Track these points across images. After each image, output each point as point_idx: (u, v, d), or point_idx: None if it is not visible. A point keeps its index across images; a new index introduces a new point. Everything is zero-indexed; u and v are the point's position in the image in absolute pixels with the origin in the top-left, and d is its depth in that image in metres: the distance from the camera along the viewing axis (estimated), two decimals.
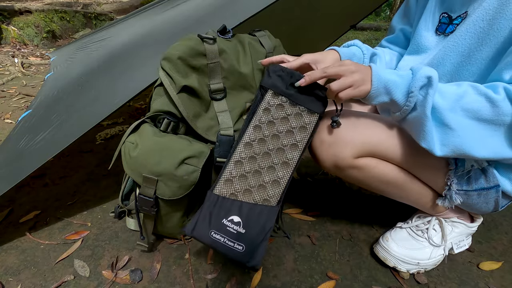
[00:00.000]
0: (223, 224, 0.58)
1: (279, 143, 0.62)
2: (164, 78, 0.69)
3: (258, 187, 0.61)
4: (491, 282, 0.73)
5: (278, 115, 0.62)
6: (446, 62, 0.62)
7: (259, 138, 0.62)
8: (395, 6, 6.38)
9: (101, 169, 1.14)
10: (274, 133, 0.62)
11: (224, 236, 0.57)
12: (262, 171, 0.61)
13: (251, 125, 0.62)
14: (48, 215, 0.91)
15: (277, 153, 0.62)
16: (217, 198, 0.60)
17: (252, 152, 0.61)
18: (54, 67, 1.64)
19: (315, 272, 0.74)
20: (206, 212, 0.59)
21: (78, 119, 0.91)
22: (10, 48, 3.21)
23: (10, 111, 1.71)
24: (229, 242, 0.57)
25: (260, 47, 0.80)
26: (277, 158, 0.62)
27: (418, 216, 0.78)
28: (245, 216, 0.59)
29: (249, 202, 0.60)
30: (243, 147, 0.61)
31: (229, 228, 0.58)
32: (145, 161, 0.67)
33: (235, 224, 0.59)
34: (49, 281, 0.71)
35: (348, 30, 2.36)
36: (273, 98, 0.63)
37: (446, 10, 0.66)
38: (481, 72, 0.58)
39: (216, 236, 0.57)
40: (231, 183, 0.61)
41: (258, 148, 0.62)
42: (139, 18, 1.56)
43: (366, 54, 0.78)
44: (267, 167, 0.62)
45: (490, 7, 0.55)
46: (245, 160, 0.61)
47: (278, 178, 0.62)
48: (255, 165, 0.61)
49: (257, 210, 0.60)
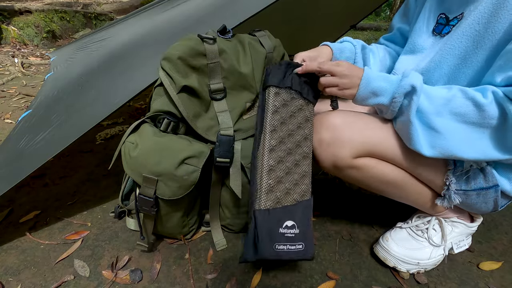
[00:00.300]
0: (281, 234, 0.61)
1: (295, 140, 0.65)
2: (164, 78, 0.69)
3: (293, 186, 0.64)
4: (491, 282, 0.73)
5: (285, 114, 0.65)
6: (443, 65, 0.63)
7: (279, 141, 0.64)
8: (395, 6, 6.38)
9: (101, 169, 1.14)
10: (289, 133, 0.65)
11: (285, 244, 0.60)
12: (291, 171, 0.64)
13: (267, 131, 0.63)
14: (48, 215, 0.91)
15: (296, 150, 0.65)
16: (267, 213, 0.61)
17: (278, 157, 0.63)
18: (54, 67, 1.64)
19: (315, 272, 0.74)
20: (262, 230, 0.60)
21: (78, 119, 0.91)
22: (10, 48, 3.21)
23: (10, 111, 1.71)
24: (291, 247, 0.60)
25: (260, 47, 0.80)
26: (298, 155, 0.65)
27: (418, 216, 0.78)
28: (295, 217, 0.62)
29: (293, 204, 0.63)
30: (269, 153, 0.62)
31: (287, 234, 0.61)
32: (145, 161, 0.67)
33: (290, 228, 0.61)
34: (49, 281, 0.71)
35: (348, 30, 2.36)
36: (275, 97, 0.64)
37: (444, 11, 0.66)
38: (477, 74, 0.59)
39: (280, 247, 0.60)
40: (272, 192, 0.62)
41: (281, 151, 0.63)
42: (139, 18, 1.56)
43: (357, 46, 0.82)
44: (293, 165, 0.64)
45: (486, 10, 0.56)
46: (275, 166, 0.63)
47: (304, 172, 0.65)
48: (285, 168, 0.63)
49: (301, 208, 0.63)
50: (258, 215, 0.60)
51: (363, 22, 4.08)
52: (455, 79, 0.62)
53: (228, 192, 0.77)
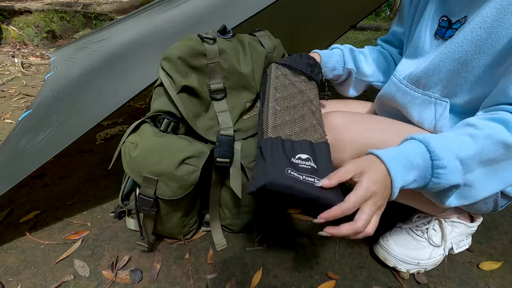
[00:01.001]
0: (294, 163, 0.52)
1: (299, 99, 0.65)
2: (164, 78, 0.69)
3: (305, 129, 0.60)
4: (491, 282, 0.73)
5: (287, 81, 0.68)
6: (442, 69, 0.62)
7: (283, 96, 0.64)
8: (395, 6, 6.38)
9: (101, 169, 1.14)
10: (291, 93, 0.66)
11: (301, 174, 0.50)
12: (299, 118, 0.62)
13: (270, 87, 0.65)
14: (48, 215, 0.91)
15: (303, 106, 0.65)
16: (276, 141, 0.54)
17: (283, 105, 0.62)
18: (54, 67, 1.64)
19: (315, 272, 0.74)
20: (269, 158, 0.51)
21: (78, 119, 0.91)
22: (10, 48, 3.21)
23: (10, 111, 1.71)
24: (308, 178, 0.49)
25: (260, 47, 0.80)
26: (305, 109, 0.64)
27: (418, 216, 0.78)
28: (311, 153, 0.55)
29: (308, 140, 0.57)
30: (274, 102, 0.63)
31: (301, 165, 0.52)
32: (145, 161, 0.67)
33: (305, 160, 0.53)
34: (49, 281, 0.71)
35: (348, 30, 2.36)
36: (276, 70, 0.70)
37: (446, 13, 0.64)
38: (477, 79, 0.58)
39: (294, 174, 0.49)
40: (280, 128, 0.58)
41: (286, 103, 0.63)
42: (139, 18, 1.56)
43: (344, 49, 0.84)
44: (300, 116, 0.62)
45: (489, 15, 0.54)
46: (281, 111, 0.61)
47: (317, 122, 0.63)
48: (291, 114, 0.61)
49: (319, 147, 0.57)
50: (265, 143, 0.54)
51: (363, 22, 4.08)
52: (454, 84, 0.61)
53: (228, 192, 0.77)
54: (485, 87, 0.57)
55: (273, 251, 0.80)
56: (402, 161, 0.47)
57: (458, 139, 0.49)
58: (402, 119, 0.71)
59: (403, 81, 0.70)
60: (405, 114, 0.71)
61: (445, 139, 0.49)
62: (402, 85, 0.70)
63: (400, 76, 0.71)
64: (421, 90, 0.66)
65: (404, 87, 0.69)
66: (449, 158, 0.46)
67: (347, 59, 0.83)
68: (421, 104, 0.66)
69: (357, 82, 0.88)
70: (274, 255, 0.79)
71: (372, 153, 0.49)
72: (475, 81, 0.58)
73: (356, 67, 0.85)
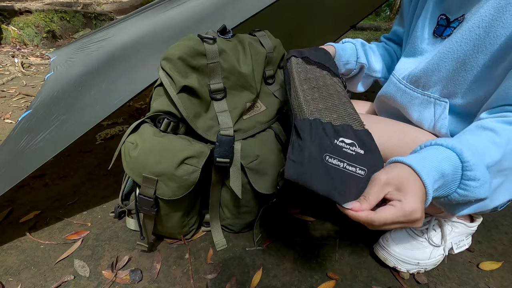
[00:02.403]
0: (337, 146, 0.46)
1: (328, 90, 0.59)
2: (164, 78, 0.69)
3: (343, 116, 0.54)
4: (491, 282, 0.73)
5: (311, 75, 0.61)
6: (441, 68, 0.62)
7: (310, 87, 0.58)
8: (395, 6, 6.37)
9: (101, 169, 1.14)
10: (318, 85, 0.59)
11: (342, 160, 0.45)
12: (333, 107, 0.55)
13: (295, 80, 0.58)
14: (48, 215, 0.91)
15: (334, 96, 0.58)
16: (313, 122, 0.48)
17: (313, 96, 0.56)
18: (54, 67, 1.63)
19: (315, 272, 0.74)
20: (307, 140, 0.45)
21: (78, 119, 0.91)
22: (10, 48, 3.21)
23: (10, 111, 1.71)
24: (349, 167, 0.44)
25: (260, 47, 0.80)
26: (336, 99, 0.57)
27: None
28: (356, 137, 0.48)
29: (350, 125, 0.51)
30: (302, 91, 0.56)
31: (345, 149, 0.46)
32: (145, 161, 0.67)
33: (349, 145, 0.47)
34: (49, 281, 0.71)
35: (348, 30, 2.36)
36: (296, 65, 0.63)
37: (444, 12, 0.65)
38: (476, 79, 0.58)
39: (333, 161, 0.44)
40: (317, 112, 0.51)
41: (315, 93, 0.57)
42: (139, 18, 1.55)
43: (356, 43, 0.84)
44: (333, 105, 0.56)
45: (487, 14, 0.54)
46: (312, 99, 0.54)
47: (353, 110, 0.56)
48: (324, 102, 0.55)
49: (364, 133, 0.50)
50: (299, 126, 0.47)
51: (363, 22, 4.08)
52: (454, 84, 0.61)
53: (228, 192, 0.77)
54: (484, 88, 0.57)
55: (273, 251, 0.80)
56: (435, 173, 0.42)
57: (483, 146, 0.45)
58: (402, 119, 0.71)
59: (402, 81, 0.70)
60: (404, 114, 0.71)
61: (474, 146, 0.44)
62: (401, 85, 0.70)
63: (399, 76, 0.71)
64: (420, 90, 0.66)
65: (403, 87, 0.69)
66: (481, 170, 0.42)
67: (360, 54, 0.83)
68: (420, 104, 0.66)
69: (366, 77, 0.87)
70: (274, 255, 0.79)
71: (403, 163, 0.43)
72: (474, 80, 0.58)
73: (368, 62, 0.85)
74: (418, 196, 0.39)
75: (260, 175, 0.74)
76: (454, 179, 0.42)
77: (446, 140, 0.44)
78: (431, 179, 0.41)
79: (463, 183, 0.42)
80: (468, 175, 0.42)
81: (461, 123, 0.63)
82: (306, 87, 0.59)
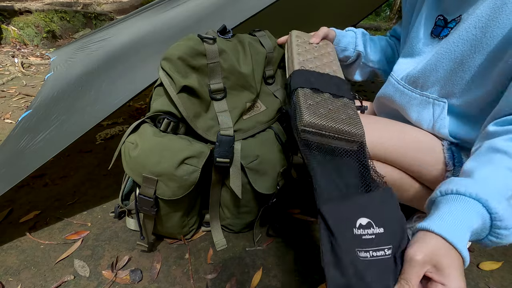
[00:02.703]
0: (357, 236, 0.43)
1: (335, 107, 0.58)
2: (164, 78, 0.69)
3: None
4: (491, 282, 0.73)
5: (318, 98, 0.60)
6: (439, 69, 0.62)
7: (315, 102, 0.58)
8: (395, 6, 6.37)
9: (101, 169, 1.14)
10: (325, 105, 0.58)
11: (367, 250, 0.41)
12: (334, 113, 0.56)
13: (300, 97, 0.58)
14: (48, 215, 0.91)
15: (339, 110, 0.58)
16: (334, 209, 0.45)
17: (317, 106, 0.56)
18: (54, 67, 1.64)
19: (315, 272, 0.74)
20: (340, 241, 0.42)
21: (78, 119, 0.91)
22: (10, 48, 3.21)
23: (10, 111, 1.71)
24: (376, 253, 0.41)
25: (260, 47, 0.80)
26: (343, 114, 0.57)
27: (418, 216, 0.78)
28: (368, 211, 0.44)
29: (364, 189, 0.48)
30: (305, 102, 0.57)
31: (365, 236, 0.43)
32: (145, 161, 0.67)
33: (366, 227, 0.43)
34: (49, 281, 0.71)
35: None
36: (304, 95, 0.61)
37: (442, 12, 0.65)
38: (474, 79, 0.58)
39: (364, 255, 0.41)
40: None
41: (319, 105, 0.58)
42: (139, 18, 1.56)
43: (357, 32, 0.86)
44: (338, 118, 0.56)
45: (483, 14, 0.54)
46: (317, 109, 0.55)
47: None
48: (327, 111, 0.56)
49: (380, 196, 0.47)
50: (328, 211, 0.45)
51: (363, 22, 4.08)
52: (451, 83, 0.61)
53: (228, 192, 0.77)
54: (482, 87, 0.57)
55: (273, 251, 0.80)
56: (467, 234, 0.40)
57: (503, 181, 0.43)
58: (401, 120, 0.71)
59: (400, 82, 0.70)
60: (403, 114, 0.71)
61: (496, 189, 0.42)
62: (400, 86, 0.70)
63: (397, 76, 0.71)
64: (419, 90, 0.66)
65: (401, 87, 0.69)
66: (510, 217, 0.40)
67: (358, 42, 0.85)
68: (419, 104, 0.66)
69: (363, 67, 0.89)
70: (274, 255, 0.79)
71: (434, 233, 0.39)
72: (472, 80, 0.58)
73: (365, 51, 0.86)
74: (459, 271, 0.37)
75: (260, 175, 0.74)
76: (483, 229, 0.41)
77: (467, 187, 0.42)
78: (465, 244, 0.39)
79: (493, 231, 0.41)
80: (498, 225, 0.40)
81: (460, 123, 0.63)
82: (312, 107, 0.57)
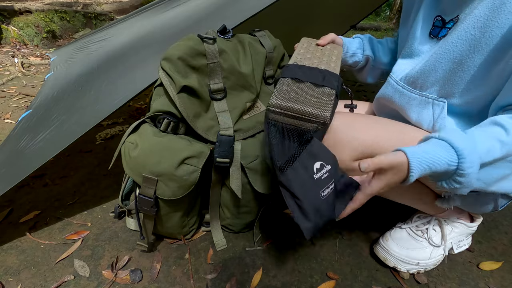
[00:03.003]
0: (318, 179, 0.52)
1: (311, 93, 0.58)
2: (164, 78, 0.69)
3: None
4: (491, 282, 0.73)
5: (296, 86, 0.59)
6: (438, 69, 0.62)
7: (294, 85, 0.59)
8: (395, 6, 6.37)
9: (101, 169, 1.14)
10: (301, 91, 0.58)
11: (328, 187, 0.52)
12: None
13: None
14: (48, 215, 0.91)
15: (313, 95, 0.58)
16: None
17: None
18: (54, 67, 1.64)
19: (315, 272, 0.74)
20: (303, 199, 0.50)
21: (78, 119, 0.91)
22: (10, 48, 3.21)
23: (10, 111, 1.71)
24: (331, 186, 0.52)
25: (260, 47, 0.80)
26: (315, 98, 0.57)
27: (418, 216, 0.78)
28: (319, 155, 0.53)
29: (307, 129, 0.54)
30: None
31: (323, 176, 0.52)
32: (145, 161, 0.67)
33: (320, 169, 0.53)
34: (49, 281, 0.71)
35: (348, 30, 2.36)
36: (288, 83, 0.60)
37: (440, 13, 0.65)
38: (474, 79, 0.58)
39: (325, 193, 0.51)
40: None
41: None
42: (139, 18, 1.56)
43: (364, 38, 0.89)
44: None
45: (481, 15, 0.54)
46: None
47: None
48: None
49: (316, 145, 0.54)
50: (288, 176, 0.51)
51: (363, 22, 4.08)
52: (451, 83, 0.61)
53: (228, 192, 0.77)
54: (482, 87, 0.57)
55: (273, 251, 0.80)
56: (426, 168, 0.49)
57: (488, 147, 0.50)
58: (400, 120, 0.71)
59: (399, 83, 0.70)
60: (403, 115, 0.71)
61: (477, 148, 0.49)
62: (399, 87, 0.70)
63: (396, 77, 0.71)
64: (418, 91, 0.66)
65: (401, 88, 0.69)
66: (474, 169, 0.48)
67: (366, 47, 0.88)
68: (418, 105, 0.66)
69: (374, 69, 0.91)
70: (274, 255, 0.79)
71: (403, 151, 0.50)
72: (471, 80, 0.58)
73: (374, 54, 0.88)
74: (386, 182, 0.51)
75: (260, 175, 0.74)
76: (447, 173, 0.50)
77: (452, 136, 0.50)
78: (419, 169, 0.49)
79: (454, 178, 0.50)
80: (460, 173, 0.49)
81: (461, 122, 0.63)
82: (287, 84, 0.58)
